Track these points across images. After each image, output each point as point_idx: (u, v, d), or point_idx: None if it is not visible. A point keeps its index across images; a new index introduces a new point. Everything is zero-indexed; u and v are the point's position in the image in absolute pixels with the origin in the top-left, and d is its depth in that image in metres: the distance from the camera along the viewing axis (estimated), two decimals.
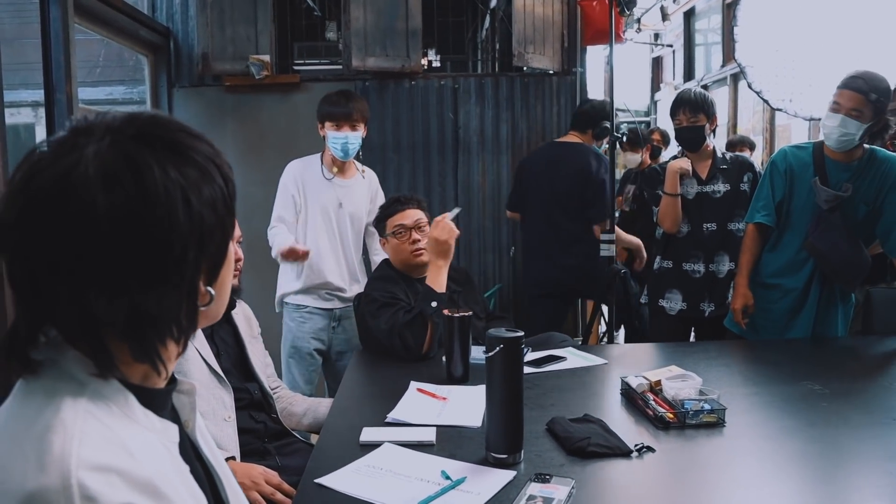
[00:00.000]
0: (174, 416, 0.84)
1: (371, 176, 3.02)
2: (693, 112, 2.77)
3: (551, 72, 3.94)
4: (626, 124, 9.48)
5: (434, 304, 2.16)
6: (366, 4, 3.70)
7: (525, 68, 3.90)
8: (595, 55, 4.09)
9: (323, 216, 2.81)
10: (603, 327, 3.88)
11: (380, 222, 2.48)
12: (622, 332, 3.81)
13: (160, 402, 0.79)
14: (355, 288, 2.85)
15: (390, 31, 3.74)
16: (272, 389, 2.12)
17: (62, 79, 2.68)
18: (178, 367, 1.75)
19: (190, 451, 0.85)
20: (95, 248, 0.67)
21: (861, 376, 2.03)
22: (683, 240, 2.86)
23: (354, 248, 2.90)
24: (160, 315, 0.71)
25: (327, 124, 2.80)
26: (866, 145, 2.41)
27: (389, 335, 2.19)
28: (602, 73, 8.91)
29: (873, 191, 2.38)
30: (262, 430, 1.90)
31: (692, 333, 2.98)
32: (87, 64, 3.48)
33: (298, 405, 2.13)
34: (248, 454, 1.81)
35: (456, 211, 2.31)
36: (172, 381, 0.84)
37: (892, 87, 2.39)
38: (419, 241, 2.38)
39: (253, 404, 1.93)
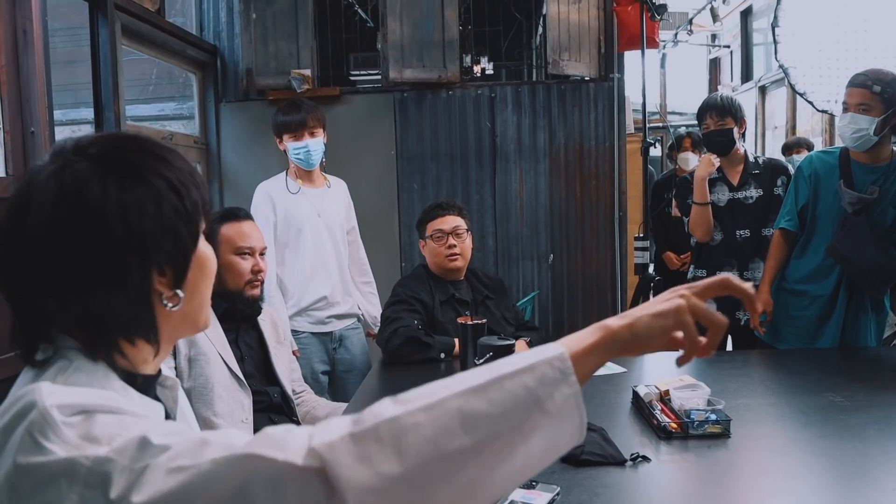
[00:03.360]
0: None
1: (339, 184, 2.92)
2: (720, 116, 2.72)
3: (587, 78, 3.92)
4: (683, 128, 9.33)
5: (443, 355, 2.30)
6: (402, 17, 3.78)
7: (569, 75, 3.90)
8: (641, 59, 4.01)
9: (303, 230, 2.70)
10: None
11: (421, 225, 2.57)
12: None
13: (141, 384, 0.85)
14: (349, 302, 2.79)
15: (427, 42, 3.80)
16: (297, 394, 2.20)
17: (110, 98, 2.85)
18: (200, 369, 1.86)
19: None
20: (39, 255, 0.77)
21: (888, 388, 1.95)
22: (717, 248, 2.81)
23: (342, 258, 2.80)
24: (109, 314, 0.79)
25: (285, 137, 2.70)
26: (895, 147, 2.33)
27: (385, 324, 2.37)
28: (656, 78, 8.78)
29: None
30: None
31: (729, 342, 2.92)
32: (139, 82, 3.66)
33: (321, 409, 2.20)
34: None
35: None
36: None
37: None
38: (455, 246, 2.47)
39: (272, 407, 2.00)
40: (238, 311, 2.01)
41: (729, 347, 2.95)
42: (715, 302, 2.79)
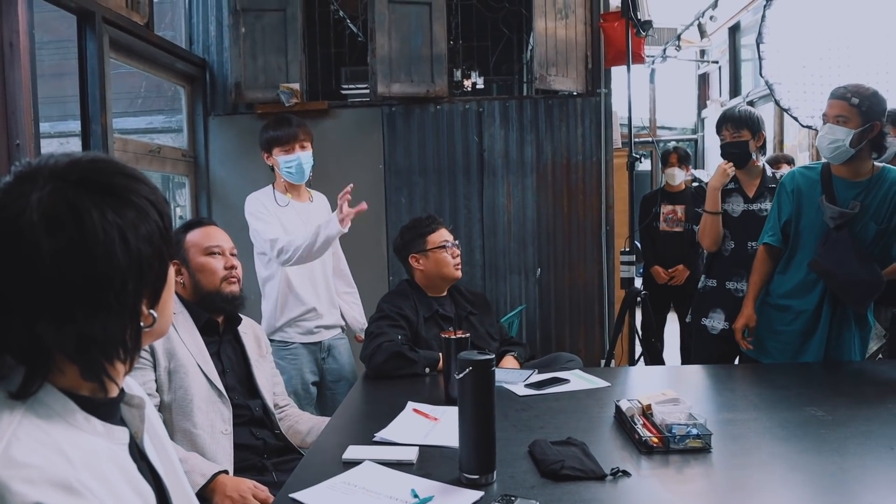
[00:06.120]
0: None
1: (321, 199, 2.93)
2: (736, 127, 2.74)
3: (575, 93, 3.95)
4: (672, 142, 9.38)
5: (427, 369, 2.29)
6: (391, 32, 3.80)
7: (557, 90, 3.92)
8: (633, 74, 4.01)
9: None
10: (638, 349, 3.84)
11: (417, 239, 2.53)
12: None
13: (105, 411, 0.85)
14: (334, 314, 2.84)
15: (415, 57, 3.83)
16: (280, 407, 2.19)
17: (98, 110, 2.85)
18: (180, 381, 1.85)
19: (138, 457, 0.92)
20: (42, 283, 0.75)
21: (870, 403, 1.96)
22: (728, 258, 2.82)
23: (327, 271, 2.85)
24: (106, 339, 0.79)
25: (276, 150, 2.72)
26: (877, 163, 2.36)
27: (369, 339, 2.35)
28: (645, 93, 8.84)
29: (885, 209, 2.32)
30: (261, 447, 1.96)
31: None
32: (128, 95, 3.67)
33: (304, 423, 2.19)
34: (245, 469, 1.88)
35: None
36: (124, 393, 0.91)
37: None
38: (458, 255, 2.54)
39: (254, 421, 1.99)
40: (219, 309, 2.00)
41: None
42: (723, 312, 2.78)
